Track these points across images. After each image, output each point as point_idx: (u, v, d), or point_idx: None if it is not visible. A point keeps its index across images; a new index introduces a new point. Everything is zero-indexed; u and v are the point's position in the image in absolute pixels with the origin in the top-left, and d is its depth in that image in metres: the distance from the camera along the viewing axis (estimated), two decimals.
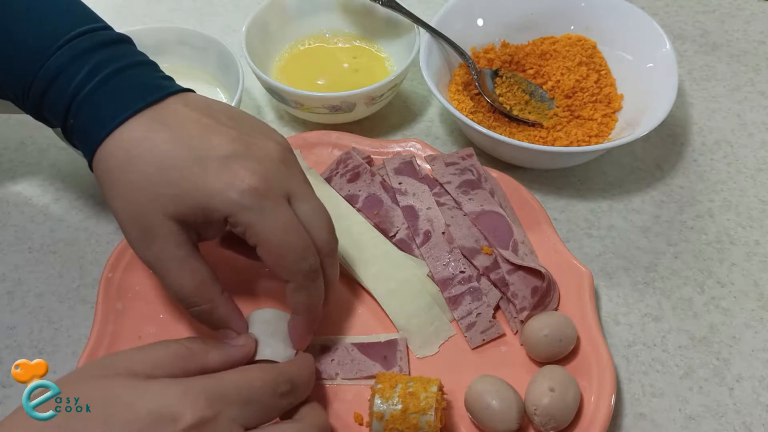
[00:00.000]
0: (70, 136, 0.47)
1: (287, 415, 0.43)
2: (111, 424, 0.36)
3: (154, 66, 0.48)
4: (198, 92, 0.48)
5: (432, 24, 0.67)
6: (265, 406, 0.40)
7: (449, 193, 0.58)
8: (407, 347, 0.52)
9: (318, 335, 0.52)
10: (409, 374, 0.51)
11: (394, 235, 0.57)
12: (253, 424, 0.39)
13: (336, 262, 0.48)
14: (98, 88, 0.45)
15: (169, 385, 0.38)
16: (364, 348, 0.51)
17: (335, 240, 0.48)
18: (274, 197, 0.43)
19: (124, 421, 0.36)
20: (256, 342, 0.46)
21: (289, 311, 0.47)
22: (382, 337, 0.52)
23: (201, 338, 0.44)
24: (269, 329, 0.46)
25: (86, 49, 0.46)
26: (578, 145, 0.63)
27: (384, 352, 0.51)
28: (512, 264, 0.53)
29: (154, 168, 0.43)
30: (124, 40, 0.48)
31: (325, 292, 0.47)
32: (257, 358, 0.45)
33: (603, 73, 0.68)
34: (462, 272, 0.54)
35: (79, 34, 0.46)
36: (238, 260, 0.51)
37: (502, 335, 0.53)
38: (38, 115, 0.48)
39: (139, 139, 0.44)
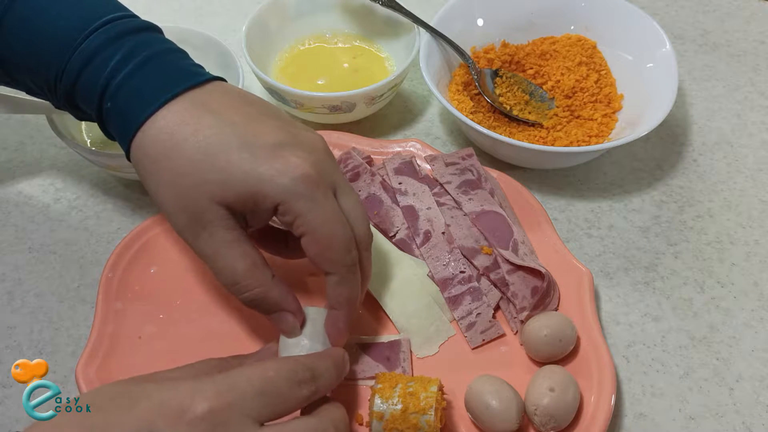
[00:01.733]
0: (104, 121, 0.47)
1: (306, 411, 0.42)
2: (129, 413, 0.36)
3: (185, 54, 0.48)
4: None
5: (432, 24, 0.67)
6: (282, 397, 0.39)
7: (449, 193, 0.58)
8: (410, 348, 0.52)
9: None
10: (411, 375, 0.51)
11: (394, 235, 0.57)
12: (268, 417, 0.38)
13: (370, 257, 0.48)
14: (136, 71, 0.45)
15: (185, 380, 0.38)
16: (368, 348, 0.51)
17: (371, 235, 0.48)
18: (324, 187, 0.43)
19: (140, 410, 0.36)
20: (285, 339, 0.46)
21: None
22: (385, 338, 0.52)
23: (236, 356, 0.46)
24: (305, 329, 0.46)
25: (121, 33, 0.46)
26: (578, 145, 0.63)
27: (387, 353, 0.51)
28: (512, 264, 0.53)
29: (201, 154, 0.43)
30: (156, 29, 0.49)
31: (361, 287, 0.47)
32: (288, 355, 0.45)
33: (603, 73, 0.68)
34: (462, 272, 0.54)
35: (111, 20, 0.46)
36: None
37: (502, 335, 0.53)
38: (70, 104, 0.48)
39: (183, 124, 0.43)
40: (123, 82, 0.45)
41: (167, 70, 0.46)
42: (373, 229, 0.56)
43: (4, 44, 0.47)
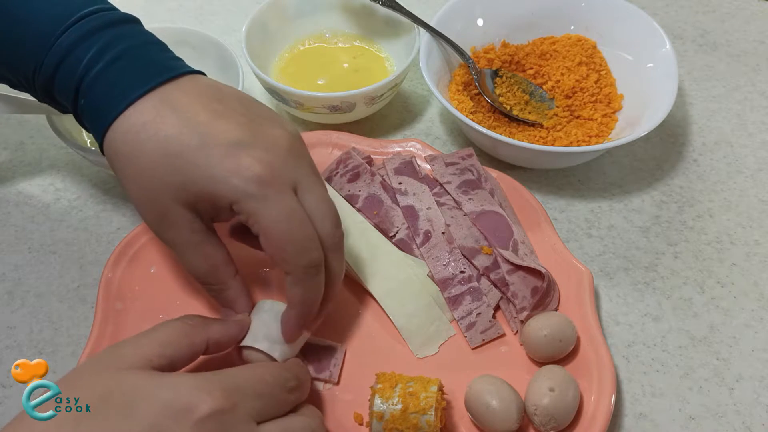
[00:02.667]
0: (81, 117, 0.47)
1: (291, 411, 0.43)
2: (131, 416, 0.36)
3: (163, 46, 0.48)
4: None
5: (432, 24, 0.67)
6: (277, 400, 0.41)
7: (449, 193, 0.58)
8: (344, 358, 0.51)
9: (316, 335, 0.52)
10: (338, 383, 0.50)
11: (394, 235, 0.57)
12: (265, 418, 0.40)
13: (341, 257, 0.47)
14: (108, 67, 0.45)
15: (184, 377, 0.38)
16: (304, 348, 0.50)
17: (341, 233, 0.46)
18: (278, 186, 0.43)
19: (143, 412, 0.36)
20: (254, 329, 0.46)
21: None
22: (322, 342, 0.52)
23: (199, 315, 0.45)
24: (270, 321, 0.46)
25: (95, 28, 0.46)
26: (578, 145, 0.63)
27: (320, 356, 0.51)
28: (512, 264, 0.53)
29: (161, 154, 0.43)
30: (133, 20, 0.48)
31: (328, 288, 0.47)
32: (246, 344, 0.46)
33: (603, 73, 0.68)
34: (462, 272, 0.54)
35: (88, 13, 0.46)
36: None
37: (502, 335, 0.53)
38: (49, 98, 0.48)
39: (147, 123, 0.43)
40: (95, 78, 0.45)
41: (140, 65, 0.45)
42: (373, 229, 0.57)
43: None
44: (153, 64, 0.46)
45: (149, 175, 0.44)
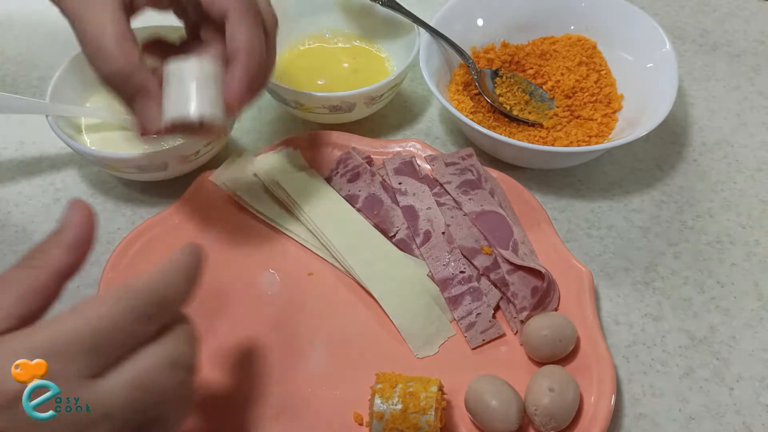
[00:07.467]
0: None
1: None
2: None
3: None
4: None
5: (432, 24, 0.67)
6: (122, 342, 0.32)
7: (449, 193, 0.58)
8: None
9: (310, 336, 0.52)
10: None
11: (394, 235, 0.57)
12: (107, 366, 0.32)
13: (275, 43, 0.44)
14: None
15: None
16: None
17: (276, 19, 0.44)
18: None
19: None
20: (175, 96, 0.40)
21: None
22: None
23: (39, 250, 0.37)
24: (190, 78, 0.40)
25: None
26: (578, 145, 0.63)
27: None
28: (512, 264, 0.53)
29: None
30: None
31: (267, 39, 0.43)
32: (173, 116, 0.40)
33: (603, 73, 0.68)
34: (462, 272, 0.54)
35: None
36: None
37: (502, 335, 0.53)
38: None
39: None
40: None
41: None
42: (373, 229, 0.57)
43: None
44: None
45: None
